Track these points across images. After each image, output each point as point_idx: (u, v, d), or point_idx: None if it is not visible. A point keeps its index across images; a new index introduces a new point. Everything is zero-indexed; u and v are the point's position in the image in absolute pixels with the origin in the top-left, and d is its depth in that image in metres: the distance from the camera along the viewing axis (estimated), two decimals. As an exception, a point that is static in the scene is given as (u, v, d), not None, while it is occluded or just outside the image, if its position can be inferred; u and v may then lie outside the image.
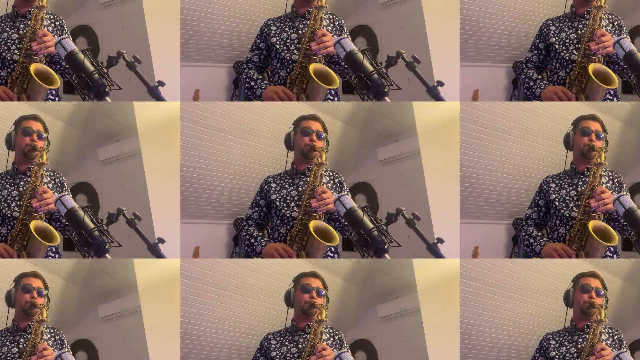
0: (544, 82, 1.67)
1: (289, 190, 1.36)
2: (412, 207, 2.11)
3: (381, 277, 1.80)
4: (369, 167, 2.87)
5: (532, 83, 1.66)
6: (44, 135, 1.46)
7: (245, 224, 1.42)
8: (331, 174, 1.43)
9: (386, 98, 1.75)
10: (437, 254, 1.60)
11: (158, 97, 1.72)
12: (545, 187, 1.53)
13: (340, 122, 2.35)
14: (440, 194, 1.78)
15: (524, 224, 1.55)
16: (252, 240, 1.36)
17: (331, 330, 1.44)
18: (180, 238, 1.74)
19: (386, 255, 1.54)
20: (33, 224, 1.36)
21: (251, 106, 1.80)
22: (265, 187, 1.41)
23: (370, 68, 1.61)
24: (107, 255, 1.63)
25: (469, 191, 1.78)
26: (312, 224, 1.23)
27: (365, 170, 2.88)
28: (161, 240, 1.66)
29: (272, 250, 1.34)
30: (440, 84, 1.71)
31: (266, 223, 1.43)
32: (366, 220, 1.43)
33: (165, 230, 1.74)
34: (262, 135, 2.02)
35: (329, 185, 1.39)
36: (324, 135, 1.39)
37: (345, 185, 1.49)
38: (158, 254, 1.66)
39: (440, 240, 1.59)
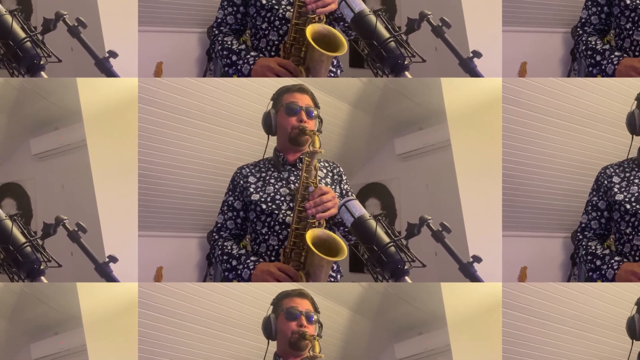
0: (615, 53, 1.62)
1: (276, 187, 1.33)
2: (440, 215, 2.11)
3: (400, 307, 1.81)
4: (384, 163, 2.87)
5: (598, 57, 1.60)
6: None
7: (216, 237, 1.37)
8: (326, 164, 1.39)
9: (406, 73, 1.74)
10: (473, 277, 1.59)
11: (109, 72, 1.71)
12: (605, 182, 1.46)
13: (347, 104, 2.35)
14: (476, 198, 1.78)
15: (581, 237, 1.51)
16: (235, 263, 1.30)
17: (327, 165, 1.40)
18: (137, 256, 1.73)
19: (406, 278, 1.53)
20: None
21: (230, 84, 1.80)
22: (241, 182, 1.34)
23: (386, 34, 1.60)
24: (42, 278, 1.63)
25: (514, 194, 1.77)
26: (310, 235, 1.20)
27: (380, 168, 2.88)
28: (113, 259, 1.66)
29: (264, 274, 1.29)
30: (477, 55, 1.71)
31: (244, 234, 1.39)
32: (380, 232, 1.42)
33: (119, 245, 1.74)
34: (244, 121, 2.02)
35: (327, 180, 1.37)
36: (315, 112, 1.35)
37: (345, 178, 1.46)
38: (109, 277, 1.65)
39: (477, 259, 1.58)
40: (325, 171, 1.35)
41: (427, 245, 1.70)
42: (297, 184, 1.29)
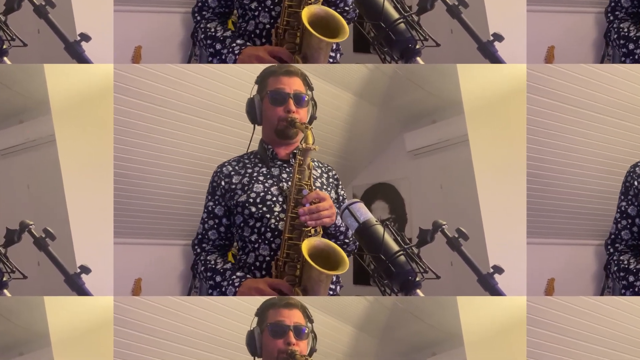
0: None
1: (266, 185, 1.29)
2: (456, 220, 2.10)
3: (411, 324, 1.80)
4: (392, 161, 2.87)
5: (631, 45, 1.59)
6: None
7: (198, 249, 1.34)
8: (320, 165, 1.36)
9: (418, 59, 1.73)
10: (494, 290, 1.58)
11: (80, 58, 1.71)
12: (635, 183, 1.42)
13: (350, 94, 2.35)
14: (497, 200, 1.77)
15: (612, 250, 1.48)
16: (219, 279, 1.27)
17: (321, 166, 1.36)
18: (113, 266, 1.72)
19: (418, 291, 1.51)
20: None
21: (218, 70, 1.79)
22: (223, 183, 1.31)
23: (395, 15, 1.58)
24: (5, 291, 1.62)
25: (540, 196, 1.76)
26: (307, 246, 1.18)
27: (388, 166, 2.88)
28: (85, 270, 1.65)
29: (252, 292, 1.26)
30: (499, 38, 1.70)
31: (231, 243, 1.36)
32: (389, 239, 1.40)
33: (92, 254, 1.73)
34: (235, 113, 2.01)
35: (322, 180, 1.33)
36: (307, 96, 1.32)
37: (341, 183, 1.43)
38: (80, 290, 1.64)
39: (499, 270, 1.57)
40: (319, 171, 1.31)
41: (442, 254, 1.69)
42: (289, 183, 1.26)
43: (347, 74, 2.06)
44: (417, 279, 1.43)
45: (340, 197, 1.36)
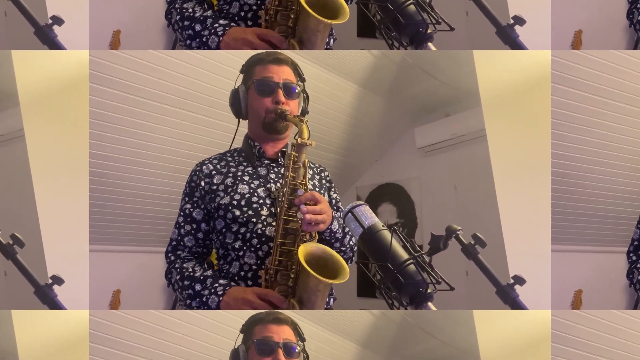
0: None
1: (252, 186, 1.29)
2: (472, 224, 2.10)
3: (421, 341, 1.80)
4: (401, 158, 2.87)
5: None
6: None
7: (172, 257, 1.33)
8: (312, 165, 1.35)
9: (430, 45, 1.73)
10: (515, 303, 1.58)
11: (52, 44, 1.70)
12: None
13: (354, 84, 2.35)
14: (518, 202, 1.77)
15: (635, 257, 1.48)
16: (199, 287, 1.26)
17: (312, 166, 1.34)
18: (88, 276, 1.72)
19: (429, 304, 1.51)
20: None
21: (206, 58, 1.80)
22: (202, 184, 1.30)
23: (404, -5, 1.58)
24: (-32, 304, 1.62)
25: (566, 198, 1.77)
26: (303, 252, 1.17)
27: (396, 165, 2.88)
28: (58, 280, 1.65)
29: (238, 302, 1.25)
30: (520, 21, 1.70)
31: (209, 251, 1.35)
32: (397, 246, 1.40)
33: (65, 263, 1.72)
34: (224, 105, 2.00)
35: (314, 182, 1.33)
36: (298, 87, 1.31)
37: (334, 186, 1.42)
38: (52, 303, 1.64)
39: (520, 280, 1.57)
40: (311, 172, 1.30)
41: (456, 262, 1.69)
42: (278, 184, 1.25)
43: (350, 62, 2.06)
44: (429, 290, 1.43)
45: (333, 201, 1.35)
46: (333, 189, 1.35)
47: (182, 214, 1.27)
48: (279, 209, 1.19)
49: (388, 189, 2.71)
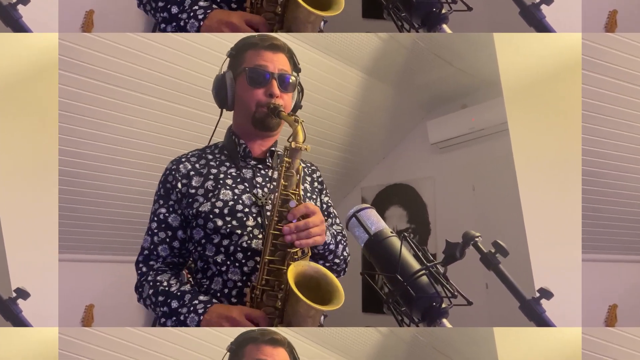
0: None
1: (236, 191, 1.27)
2: (492, 230, 2.09)
3: (435, 362, 1.80)
4: (411, 156, 2.87)
5: None
6: None
7: (144, 268, 1.31)
8: (303, 164, 1.33)
9: (444, 27, 1.72)
10: (541, 319, 1.57)
11: (16, 25, 1.70)
12: None
13: (358, 71, 2.34)
14: (545, 205, 1.77)
15: None
16: (175, 305, 1.24)
17: (303, 166, 1.32)
18: (57, 289, 1.72)
19: (444, 320, 1.50)
20: None
21: (190, 41, 1.81)
22: (179, 185, 1.27)
23: (415, -30, 1.58)
24: None
25: (599, 200, 1.78)
26: (293, 273, 1.16)
27: (406, 163, 2.88)
28: (23, 294, 1.64)
29: (221, 321, 1.23)
30: (546, 0, 1.70)
31: (185, 261, 1.34)
32: (407, 255, 1.39)
33: (31, 274, 1.70)
34: (205, 94, 2.00)
35: (306, 185, 1.31)
36: (292, 78, 1.30)
37: (326, 187, 1.41)
38: (17, 319, 1.64)
39: (546, 294, 1.56)
40: (302, 173, 1.28)
41: (475, 273, 1.68)
42: (265, 189, 1.23)
43: (355, 46, 2.05)
44: (443, 305, 1.42)
45: (325, 206, 1.33)
46: (325, 192, 1.33)
47: (155, 219, 1.24)
48: (267, 222, 1.17)
49: (397, 190, 2.70)
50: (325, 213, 1.28)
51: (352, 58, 2.09)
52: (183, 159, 1.25)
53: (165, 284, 1.19)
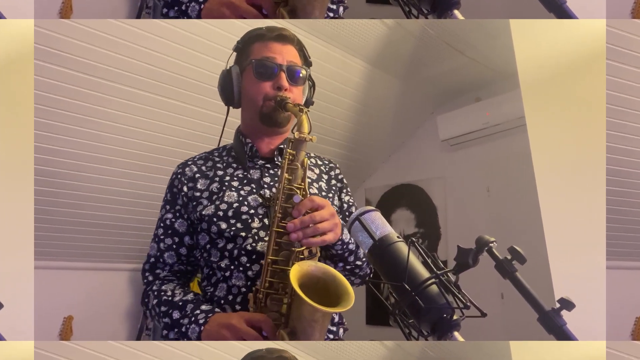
0: None
1: (242, 193, 1.28)
2: (509, 235, 2.09)
3: (446, 380, 1.80)
4: (420, 153, 2.87)
5: None
6: None
7: (150, 277, 1.33)
8: (319, 161, 1.33)
9: (456, 12, 1.72)
10: (561, 332, 1.57)
11: (-11, 11, 1.70)
12: None
13: (362, 61, 2.34)
14: (566, 208, 1.76)
15: None
16: (177, 315, 1.25)
17: (320, 163, 1.34)
18: (33, 300, 1.72)
19: (456, 334, 1.50)
20: None
21: (179, 29, 1.81)
22: (185, 188, 1.29)
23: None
24: None
25: (626, 202, 1.78)
26: (297, 272, 1.15)
27: (414, 161, 2.87)
28: (-6, 304, 1.64)
29: (223, 330, 1.24)
30: (568, -17, 1.70)
31: (195, 270, 1.36)
32: (415, 262, 1.39)
33: (5, 283, 1.67)
34: (204, 89, 2.00)
35: (321, 184, 1.31)
36: (302, 72, 1.31)
37: (347, 186, 1.41)
38: (-11, 332, 1.64)
39: (567, 304, 1.56)
40: (317, 171, 1.29)
41: (489, 282, 1.68)
42: (274, 190, 1.24)
43: (358, 34, 2.05)
44: (455, 317, 1.41)
45: (345, 205, 1.34)
46: (345, 190, 1.34)
47: (161, 225, 1.27)
48: (270, 220, 1.18)
49: (404, 191, 2.70)
50: (347, 213, 1.29)
51: (355, 47, 2.09)
52: (189, 162, 1.27)
53: (169, 293, 1.21)
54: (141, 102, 1.91)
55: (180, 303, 1.18)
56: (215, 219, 1.18)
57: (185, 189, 1.23)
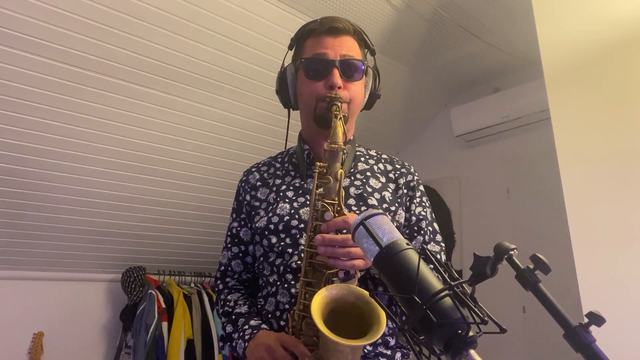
0: None
1: (295, 205, 1.28)
2: (531, 242, 2.08)
3: (461, 403, 1.79)
4: (433, 150, 2.86)
5: None
6: None
7: (220, 285, 1.35)
8: (393, 165, 1.34)
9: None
10: (590, 350, 1.57)
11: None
12: None
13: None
14: (594, 211, 1.76)
15: None
16: (230, 329, 1.29)
17: (382, 159, 1.35)
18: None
19: (471, 352, 1.50)
20: None
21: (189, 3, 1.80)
22: (248, 197, 1.32)
23: None
24: None
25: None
26: (319, 299, 1.13)
27: (426, 159, 2.87)
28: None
29: (261, 351, 1.25)
30: (597, -40, 1.70)
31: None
32: (426, 272, 1.39)
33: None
34: (178, 73, 2.00)
35: (386, 196, 1.30)
36: (364, 65, 1.30)
37: (422, 194, 1.37)
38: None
39: (597, 319, 1.56)
40: (384, 179, 1.28)
41: (509, 294, 1.67)
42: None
43: (363, 17, 2.05)
44: (471, 333, 1.41)
45: (414, 218, 1.31)
46: (418, 201, 1.31)
47: (229, 233, 1.31)
48: (306, 237, 1.18)
49: (415, 192, 2.70)
50: (415, 228, 1.28)
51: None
52: (253, 169, 1.31)
53: (231, 304, 1.25)
54: (120, 92, 1.90)
55: (234, 317, 1.22)
56: (266, 232, 1.20)
57: (248, 197, 1.27)
